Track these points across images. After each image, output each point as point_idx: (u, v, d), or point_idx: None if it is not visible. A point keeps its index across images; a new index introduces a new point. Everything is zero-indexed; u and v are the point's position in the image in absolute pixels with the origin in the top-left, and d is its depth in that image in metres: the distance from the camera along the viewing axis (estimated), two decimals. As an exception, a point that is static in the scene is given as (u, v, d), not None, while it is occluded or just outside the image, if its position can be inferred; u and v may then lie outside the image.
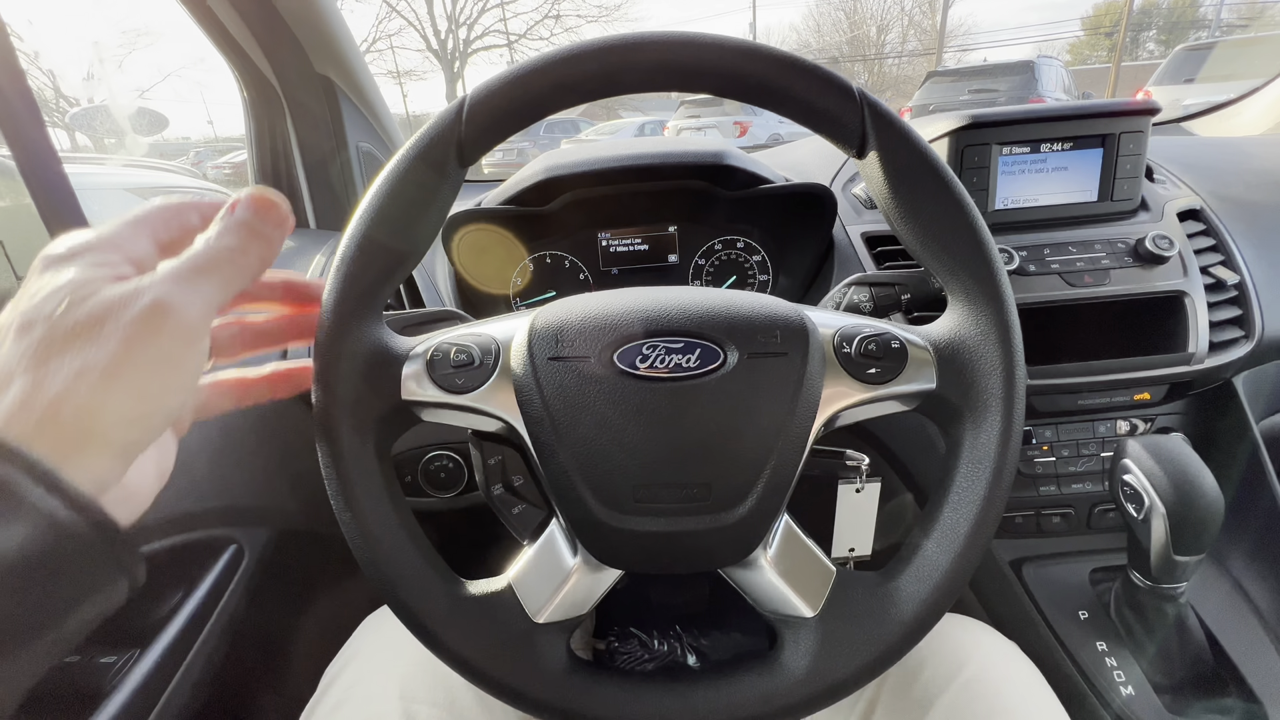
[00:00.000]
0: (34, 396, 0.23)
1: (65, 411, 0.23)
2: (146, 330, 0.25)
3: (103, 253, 0.27)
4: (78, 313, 0.24)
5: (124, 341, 0.25)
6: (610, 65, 0.36)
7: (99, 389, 0.24)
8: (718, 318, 0.36)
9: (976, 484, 0.35)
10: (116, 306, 0.25)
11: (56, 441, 0.23)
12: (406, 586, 0.35)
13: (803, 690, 0.35)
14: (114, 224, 0.29)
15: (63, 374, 0.24)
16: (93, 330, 0.24)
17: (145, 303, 0.25)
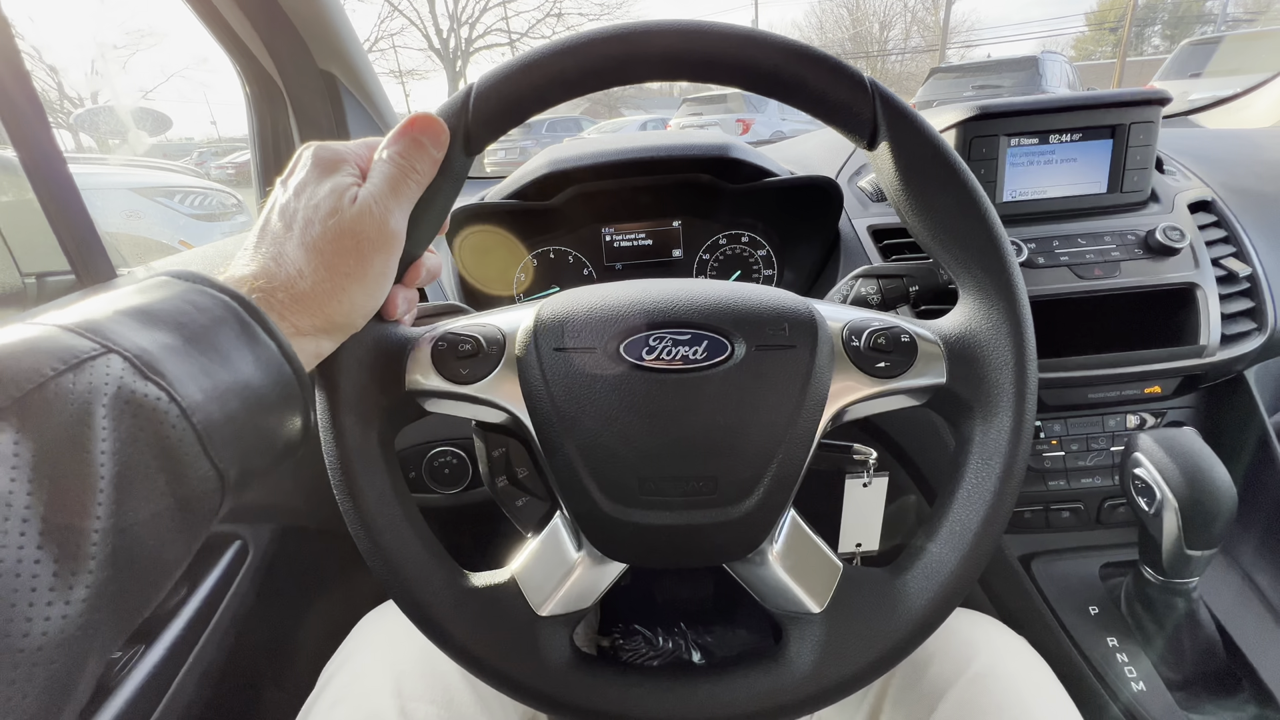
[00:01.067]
0: (297, 279, 0.31)
1: (316, 295, 0.31)
2: (380, 241, 0.32)
3: (353, 166, 0.34)
4: (341, 221, 0.32)
5: (365, 251, 0.32)
6: (618, 54, 0.35)
7: (343, 285, 0.32)
8: (725, 309, 0.36)
9: (986, 481, 0.35)
10: (364, 221, 0.32)
11: (301, 316, 0.31)
12: (409, 578, 0.35)
13: (808, 687, 0.35)
14: (354, 146, 0.36)
15: (323, 266, 0.31)
16: (348, 240, 0.32)
17: (378, 219, 0.32)
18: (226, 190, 3.02)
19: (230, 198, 3.02)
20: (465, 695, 0.45)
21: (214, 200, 2.90)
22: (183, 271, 0.28)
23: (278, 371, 0.28)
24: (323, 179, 0.33)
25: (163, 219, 2.60)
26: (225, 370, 0.26)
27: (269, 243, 0.32)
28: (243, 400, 0.26)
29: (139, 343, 0.24)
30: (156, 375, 0.23)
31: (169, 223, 2.62)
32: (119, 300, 0.26)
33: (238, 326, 0.27)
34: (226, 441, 0.25)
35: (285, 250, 0.31)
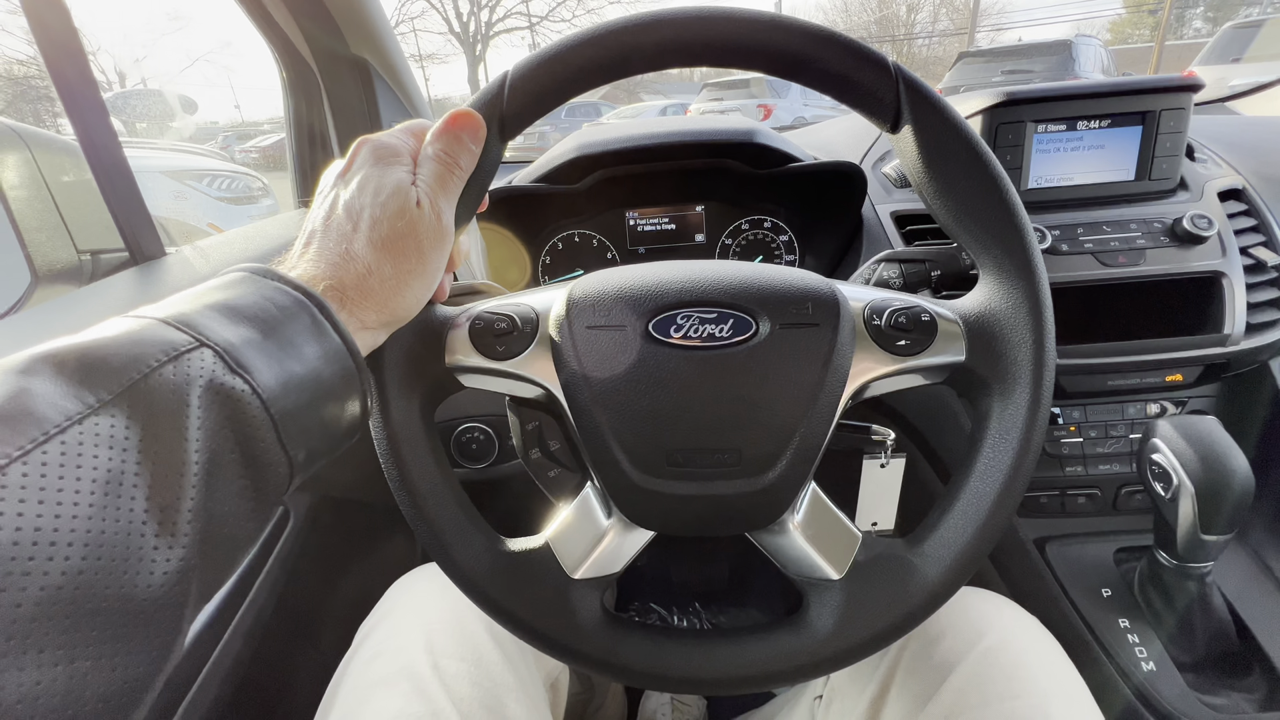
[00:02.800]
0: (366, 276, 0.32)
1: (383, 292, 0.32)
2: (438, 238, 0.34)
3: (409, 160, 0.35)
4: (409, 220, 0.33)
5: (425, 248, 0.34)
6: (648, 41, 0.37)
7: (407, 281, 0.33)
8: (750, 289, 0.37)
9: (1003, 455, 0.36)
10: (425, 219, 0.33)
11: (368, 312, 0.32)
12: (451, 542, 0.37)
13: (826, 649, 0.36)
14: (402, 136, 0.36)
15: (389, 264, 0.32)
16: (412, 239, 0.33)
17: (436, 216, 0.34)
18: (253, 174, 3.07)
19: (256, 181, 3.07)
20: (492, 653, 0.47)
21: (241, 184, 2.95)
22: (260, 268, 0.30)
23: (342, 364, 0.30)
24: (385, 176, 0.33)
25: (194, 202, 2.66)
26: (298, 363, 0.27)
27: (335, 238, 0.32)
28: (312, 392, 0.28)
29: (227, 337, 0.26)
30: (242, 369, 0.25)
31: (198, 206, 2.68)
32: (206, 295, 0.27)
33: (310, 322, 0.29)
34: (297, 430, 0.27)
35: (354, 248, 0.32)
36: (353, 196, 0.33)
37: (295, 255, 0.33)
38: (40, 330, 0.48)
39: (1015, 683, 0.42)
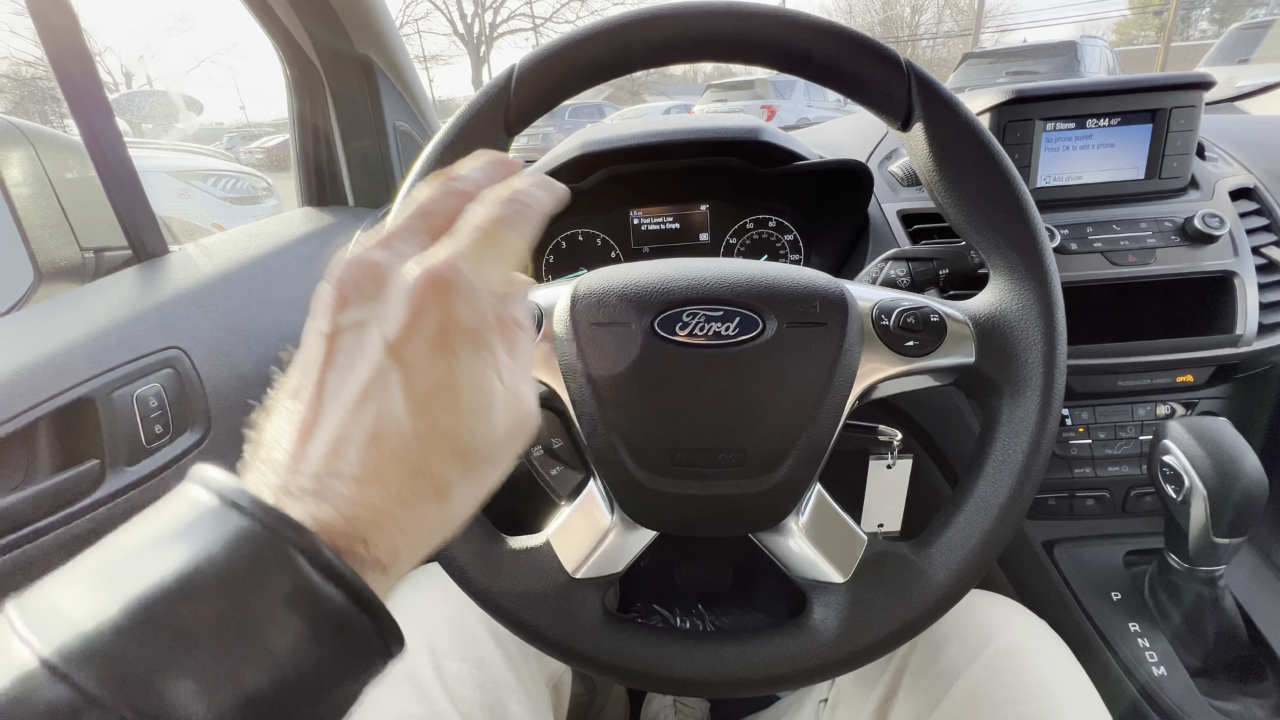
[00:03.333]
0: (401, 503, 0.21)
1: (449, 520, 0.22)
2: (521, 433, 0.24)
3: (493, 327, 0.23)
4: (506, 423, 0.23)
5: (513, 450, 0.24)
6: (655, 36, 0.36)
7: (479, 495, 0.23)
8: (757, 287, 0.37)
9: (1012, 458, 0.36)
10: (511, 413, 0.23)
11: (413, 546, 0.21)
12: (453, 539, 0.37)
13: (831, 653, 0.36)
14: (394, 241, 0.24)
15: (465, 483, 0.22)
16: (499, 446, 0.23)
17: (517, 401, 0.23)
18: (258, 174, 3.08)
19: (261, 181, 3.08)
20: (494, 654, 0.47)
21: (245, 184, 2.96)
22: (232, 490, 0.19)
23: (349, 637, 0.19)
24: (463, 371, 0.22)
25: (199, 202, 2.67)
26: (266, 668, 0.17)
27: (363, 451, 0.20)
28: (294, 694, 0.18)
29: (155, 686, 0.16)
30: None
31: (203, 205, 2.69)
32: (134, 572, 0.17)
33: (291, 589, 0.18)
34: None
35: (428, 468, 0.21)
36: (402, 405, 0.21)
37: (286, 446, 0.21)
38: (43, 327, 0.48)
39: (1024, 687, 0.42)
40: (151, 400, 0.49)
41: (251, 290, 0.62)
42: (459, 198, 0.25)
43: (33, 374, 0.43)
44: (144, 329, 0.51)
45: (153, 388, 0.49)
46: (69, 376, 0.44)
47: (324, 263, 0.72)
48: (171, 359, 0.51)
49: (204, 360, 0.54)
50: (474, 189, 0.26)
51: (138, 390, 0.48)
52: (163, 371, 0.50)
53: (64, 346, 0.46)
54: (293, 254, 0.70)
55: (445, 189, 0.26)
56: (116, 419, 0.46)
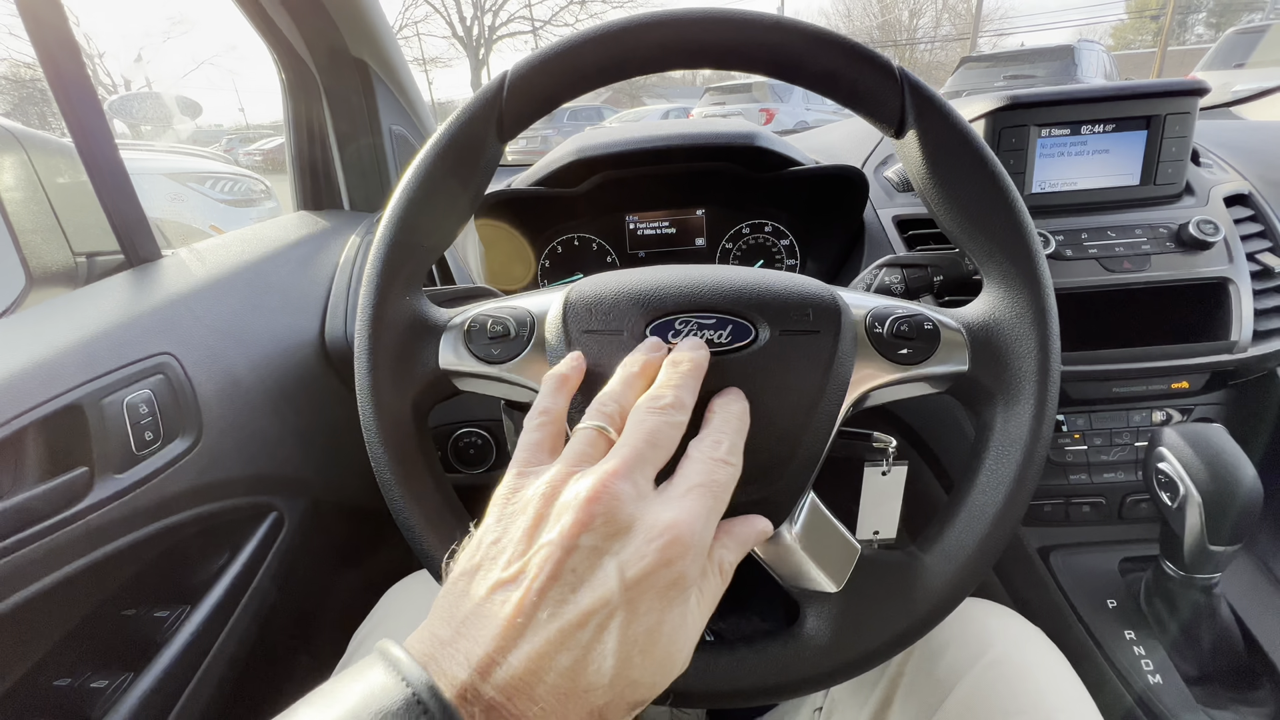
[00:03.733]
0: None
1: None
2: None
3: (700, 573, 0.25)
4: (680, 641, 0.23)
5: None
6: (648, 42, 0.36)
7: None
8: (750, 294, 0.37)
9: (1006, 466, 0.35)
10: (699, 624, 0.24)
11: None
12: (442, 547, 0.36)
13: (824, 663, 0.35)
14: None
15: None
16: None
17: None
18: (255, 177, 3.08)
19: (259, 184, 3.08)
20: None
21: (244, 186, 2.96)
22: (429, 690, 0.19)
23: None
24: (676, 622, 0.23)
25: (196, 204, 2.66)
26: None
27: (574, 691, 0.21)
28: None
29: None
30: None
31: (202, 208, 2.69)
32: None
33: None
34: None
35: (603, 715, 0.22)
36: (614, 645, 0.22)
37: (484, 641, 0.21)
38: (32, 333, 0.48)
39: (1021, 697, 0.41)
40: (142, 406, 0.48)
41: (245, 295, 0.62)
42: (678, 429, 0.29)
43: (21, 380, 0.43)
44: (135, 334, 0.51)
45: (143, 394, 0.49)
46: (58, 383, 0.44)
47: (319, 266, 0.72)
48: (162, 365, 0.51)
49: (195, 366, 0.53)
50: (686, 417, 0.29)
51: (128, 396, 0.47)
52: (153, 377, 0.50)
53: (53, 352, 0.46)
54: (287, 258, 0.70)
55: (672, 423, 0.28)
56: (106, 425, 0.46)
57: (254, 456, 0.57)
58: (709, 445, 0.29)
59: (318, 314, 0.67)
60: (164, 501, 0.49)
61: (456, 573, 0.25)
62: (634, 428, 0.28)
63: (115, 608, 0.52)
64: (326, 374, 0.66)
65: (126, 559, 0.48)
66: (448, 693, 0.19)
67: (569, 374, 0.33)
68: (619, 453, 0.26)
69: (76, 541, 0.44)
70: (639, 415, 0.29)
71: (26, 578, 0.42)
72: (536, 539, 0.24)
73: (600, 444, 0.28)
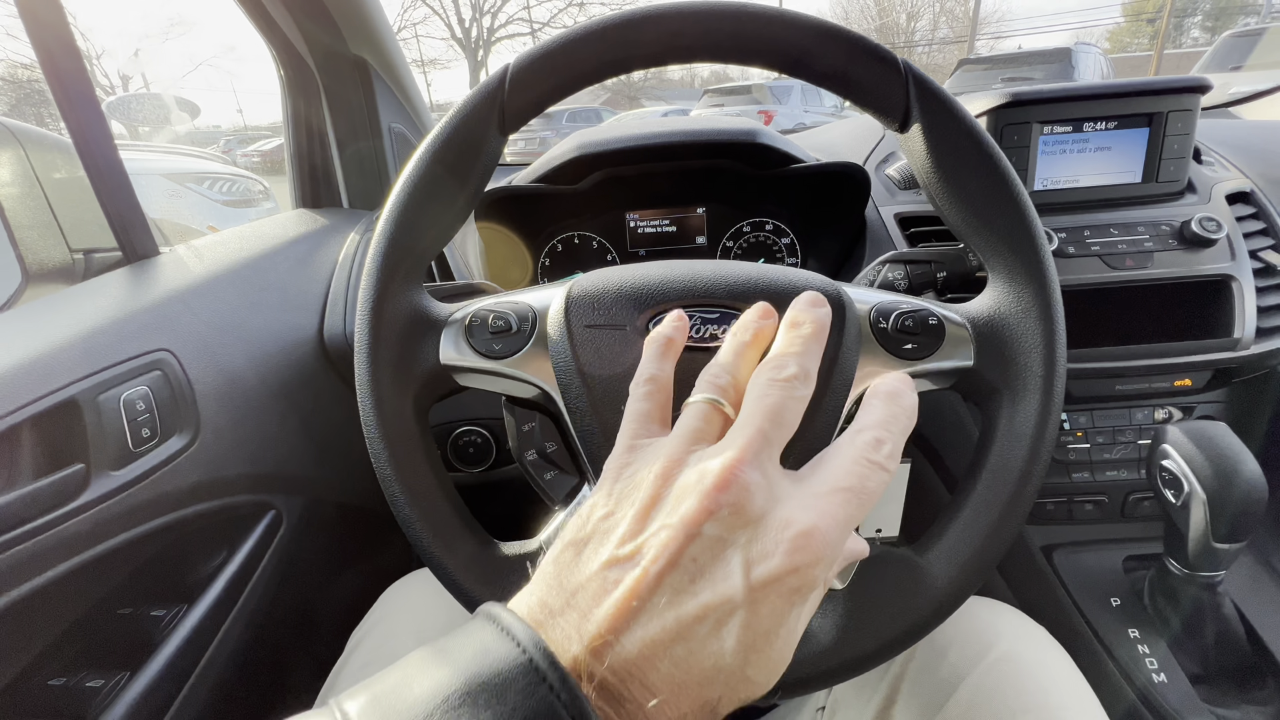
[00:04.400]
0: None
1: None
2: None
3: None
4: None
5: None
6: (651, 36, 0.36)
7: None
8: (754, 289, 0.36)
9: (1012, 464, 0.35)
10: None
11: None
12: (443, 545, 0.36)
13: (827, 661, 0.35)
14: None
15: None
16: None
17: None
18: (254, 177, 3.08)
19: (257, 184, 3.08)
20: None
21: (242, 187, 2.96)
22: (546, 666, 0.19)
23: None
24: (794, 624, 0.22)
25: (194, 204, 2.66)
26: None
27: (688, 682, 0.20)
28: None
29: None
30: None
31: (200, 208, 2.68)
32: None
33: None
34: None
35: (715, 708, 0.21)
36: (733, 642, 0.21)
37: (599, 619, 0.20)
38: (28, 329, 0.47)
39: (1025, 695, 0.41)
40: (139, 403, 0.48)
41: (243, 292, 0.62)
42: (803, 404, 0.26)
43: (16, 376, 0.42)
44: (132, 331, 0.50)
45: (140, 390, 0.48)
46: (54, 379, 0.44)
47: (318, 264, 0.72)
48: (160, 361, 0.50)
49: (193, 363, 0.53)
50: (812, 388, 0.27)
51: (125, 393, 0.47)
52: (151, 374, 0.49)
53: (49, 348, 0.45)
54: (286, 255, 0.70)
55: (796, 396, 0.26)
56: (102, 422, 0.45)
57: (252, 454, 0.57)
58: (868, 445, 0.25)
59: (317, 311, 0.67)
60: (161, 499, 0.49)
61: (564, 542, 0.23)
62: (755, 404, 0.25)
63: (111, 606, 0.51)
64: (326, 371, 0.66)
65: (123, 557, 0.47)
66: (565, 665, 0.19)
67: (674, 336, 0.31)
68: (743, 433, 0.24)
69: (72, 539, 0.43)
70: (759, 389, 0.26)
71: (21, 575, 0.41)
72: (652, 520, 0.22)
73: (716, 420, 0.26)
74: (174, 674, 0.51)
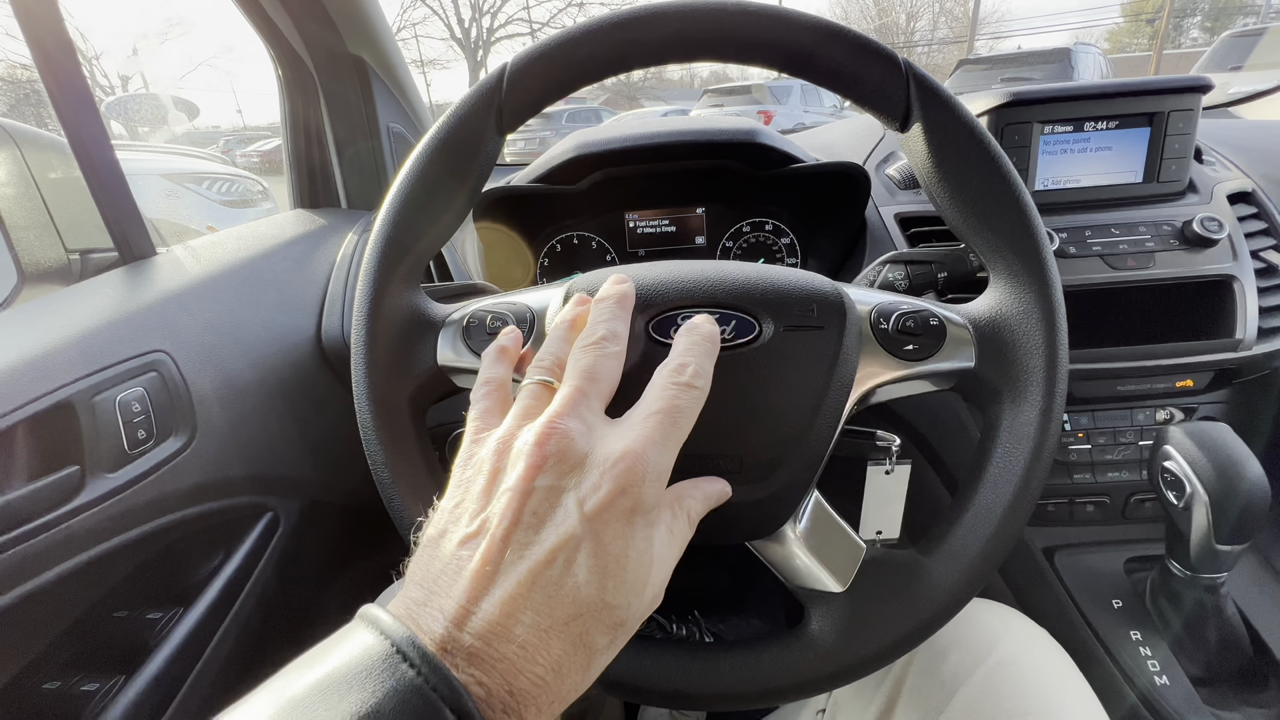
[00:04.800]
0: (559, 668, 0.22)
1: (562, 681, 0.22)
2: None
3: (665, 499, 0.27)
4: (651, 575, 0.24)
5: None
6: (653, 35, 0.36)
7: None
8: (754, 290, 0.36)
9: (1013, 466, 0.35)
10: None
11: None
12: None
13: (828, 664, 0.35)
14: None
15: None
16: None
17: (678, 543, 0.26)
18: (253, 178, 3.08)
19: (256, 185, 3.08)
20: None
21: (241, 187, 2.96)
22: (408, 648, 0.20)
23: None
24: (638, 539, 0.24)
25: (192, 205, 2.66)
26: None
27: (553, 624, 0.22)
28: None
29: None
30: None
31: (198, 208, 2.68)
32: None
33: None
34: None
35: (588, 639, 0.23)
36: (585, 574, 0.22)
37: (456, 596, 0.22)
38: (23, 330, 0.47)
39: (1027, 698, 0.41)
40: (134, 405, 0.47)
41: (241, 293, 0.61)
42: (616, 359, 0.29)
43: (11, 377, 0.42)
44: (128, 332, 0.50)
45: (136, 392, 0.48)
46: (48, 380, 0.43)
47: (316, 264, 0.71)
48: (156, 362, 0.50)
49: (190, 364, 0.52)
50: (622, 345, 0.30)
51: (120, 394, 0.47)
52: (147, 375, 0.49)
53: (44, 349, 0.45)
54: (283, 256, 0.69)
55: (607, 354, 0.29)
56: (97, 424, 0.45)
57: (249, 456, 0.56)
58: (671, 370, 0.29)
59: (314, 312, 0.67)
60: (157, 501, 0.48)
61: (423, 542, 0.25)
62: (570, 369, 0.28)
63: (107, 609, 0.51)
64: (323, 372, 0.66)
65: (118, 560, 0.47)
66: (428, 646, 0.20)
67: (508, 345, 0.34)
68: (561, 394, 0.27)
69: (67, 542, 0.43)
70: (574, 357, 0.29)
71: (15, 579, 0.41)
72: (495, 492, 0.24)
73: (545, 396, 0.28)
74: (170, 677, 0.51)
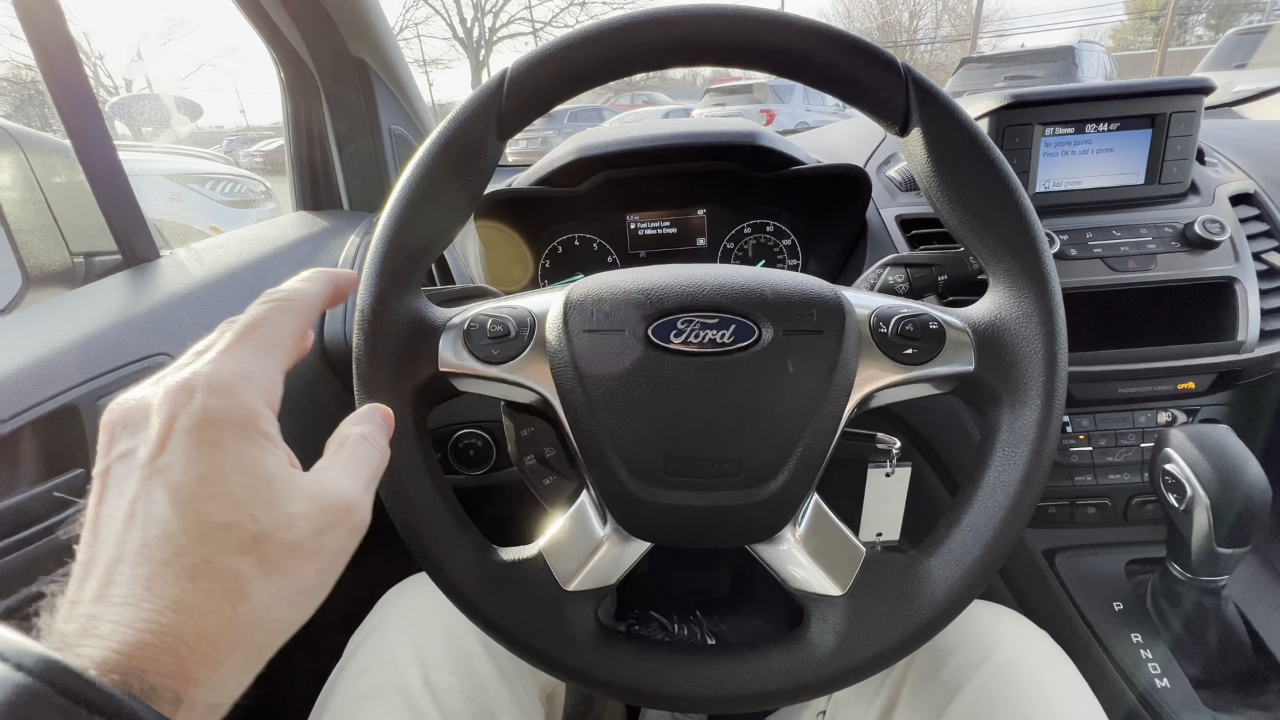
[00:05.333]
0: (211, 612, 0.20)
1: (237, 632, 0.20)
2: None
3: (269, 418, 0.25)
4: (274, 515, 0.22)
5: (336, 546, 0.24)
6: (652, 39, 0.36)
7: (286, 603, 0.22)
8: (753, 294, 0.36)
9: (1013, 468, 0.35)
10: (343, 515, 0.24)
11: (201, 678, 0.20)
12: (441, 550, 0.36)
13: (828, 668, 0.35)
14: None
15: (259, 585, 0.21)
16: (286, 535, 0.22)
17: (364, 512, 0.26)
18: (256, 178, 3.09)
19: (259, 185, 3.09)
20: (486, 666, 0.46)
21: (244, 187, 2.97)
22: (14, 654, 0.17)
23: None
24: (247, 460, 0.23)
25: (196, 205, 2.67)
26: None
27: (152, 567, 0.20)
28: None
29: None
30: None
31: (202, 209, 2.69)
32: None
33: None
34: None
35: (208, 566, 0.20)
36: (166, 507, 0.21)
37: (69, 593, 0.21)
38: (28, 333, 0.47)
39: (1027, 701, 0.41)
40: (138, 408, 0.48)
41: (244, 295, 0.62)
42: (278, 309, 0.28)
43: (16, 381, 0.42)
44: (132, 335, 0.50)
45: (140, 395, 0.48)
46: (53, 384, 0.44)
47: (318, 266, 0.71)
48: (159, 365, 0.50)
49: (193, 366, 0.53)
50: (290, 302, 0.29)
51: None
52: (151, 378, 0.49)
53: (49, 353, 0.45)
54: (286, 258, 0.70)
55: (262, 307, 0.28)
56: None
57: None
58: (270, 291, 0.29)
59: None
60: (161, 503, 0.49)
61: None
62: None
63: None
64: (325, 375, 0.66)
65: (123, 562, 0.47)
66: (33, 648, 0.18)
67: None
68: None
69: (71, 545, 0.43)
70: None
71: (19, 582, 0.41)
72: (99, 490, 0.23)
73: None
74: None
